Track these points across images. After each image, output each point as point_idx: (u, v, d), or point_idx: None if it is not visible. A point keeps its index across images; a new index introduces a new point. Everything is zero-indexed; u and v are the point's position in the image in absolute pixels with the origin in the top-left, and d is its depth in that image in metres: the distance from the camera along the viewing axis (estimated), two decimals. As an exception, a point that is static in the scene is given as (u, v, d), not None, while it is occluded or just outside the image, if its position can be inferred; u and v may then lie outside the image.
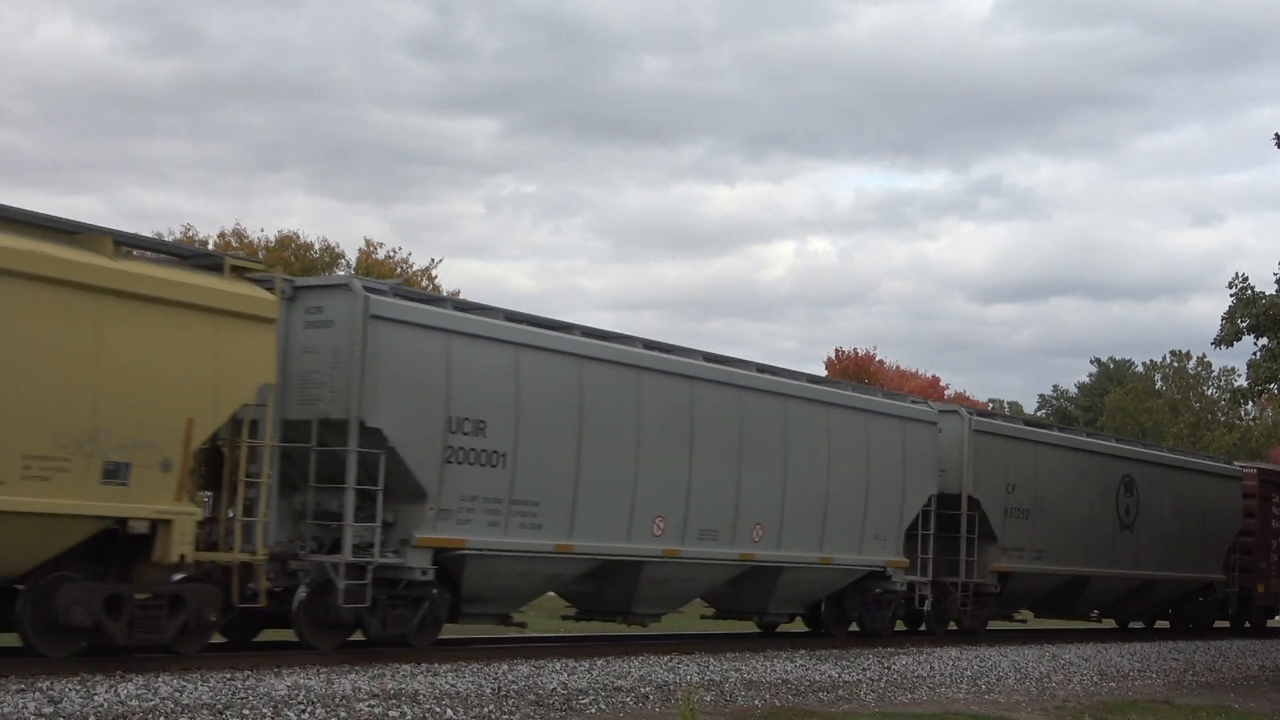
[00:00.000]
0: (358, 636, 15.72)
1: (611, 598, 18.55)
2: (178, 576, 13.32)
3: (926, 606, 23.38)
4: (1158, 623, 32.34)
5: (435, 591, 15.78)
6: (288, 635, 15.69)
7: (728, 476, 19.03)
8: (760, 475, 19.51)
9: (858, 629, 22.70)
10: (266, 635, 16.52)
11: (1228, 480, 31.83)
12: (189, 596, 13.44)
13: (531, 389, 16.32)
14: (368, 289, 15.01)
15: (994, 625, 26.39)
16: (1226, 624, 32.82)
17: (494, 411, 15.92)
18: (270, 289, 14.16)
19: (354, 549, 14.75)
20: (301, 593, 14.80)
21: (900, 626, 24.20)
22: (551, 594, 19.18)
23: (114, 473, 12.54)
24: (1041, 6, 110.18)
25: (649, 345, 18.60)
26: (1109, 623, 31.48)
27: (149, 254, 13.81)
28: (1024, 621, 29.38)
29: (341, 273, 41.75)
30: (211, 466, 14.28)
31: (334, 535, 15.01)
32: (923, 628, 24.76)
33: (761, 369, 20.35)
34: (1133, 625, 32.05)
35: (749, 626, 23.42)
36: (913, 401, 23.66)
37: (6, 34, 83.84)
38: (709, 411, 18.73)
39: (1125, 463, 28.51)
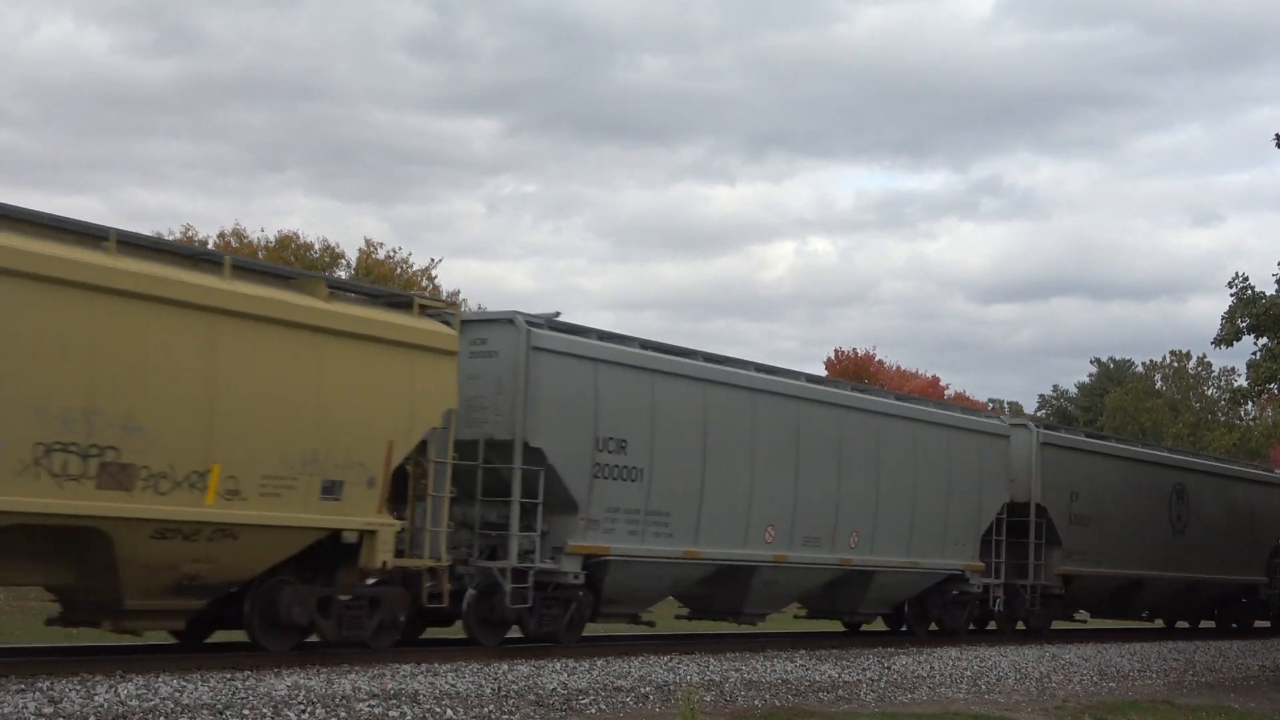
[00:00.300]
0: (459, 634, 17.44)
1: (725, 599, 20.16)
2: (371, 580, 15.15)
3: (999, 607, 25.05)
4: (1202, 623, 33.85)
5: (581, 594, 17.56)
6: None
7: (828, 488, 20.83)
8: (856, 486, 21.33)
9: (936, 628, 24.33)
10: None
11: (1272, 488, 33.79)
12: (384, 598, 15.38)
13: (664, 411, 18.21)
14: (529, 322, 16.83)
15: (1056, 625, 28.02)
16: (1267, 624, 34.03)
17: (633, 431, 17.75)
18: (449, 324, 15.86)
19: (517, 555, 16.64)
20: (470, 595, 16.69)
21: (969, 626, 25.65)
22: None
23: (330, 489, 14.36)
24: (1041, 6, 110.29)
25: (760, 369, 20.38)
26: (1159, 622, 32.94)
27: (351, 295, 15.50)
28: (1084, 621, 30.74)
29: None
30: (394, 483, 15.42)
31: (494, 543, 16.84)
32: (991, 626, 26.28)
33: (855, 389, 23.19)
34: (1179, 625, 33.42)
35: (749, 626, 23.49)
36: (986, 416, 26.06)
37: (7, 34, 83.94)
38: (812, 429, 20.57)
39: (1177, 472, 30.35)
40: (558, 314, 17.56)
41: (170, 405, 12.95)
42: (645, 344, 18.57)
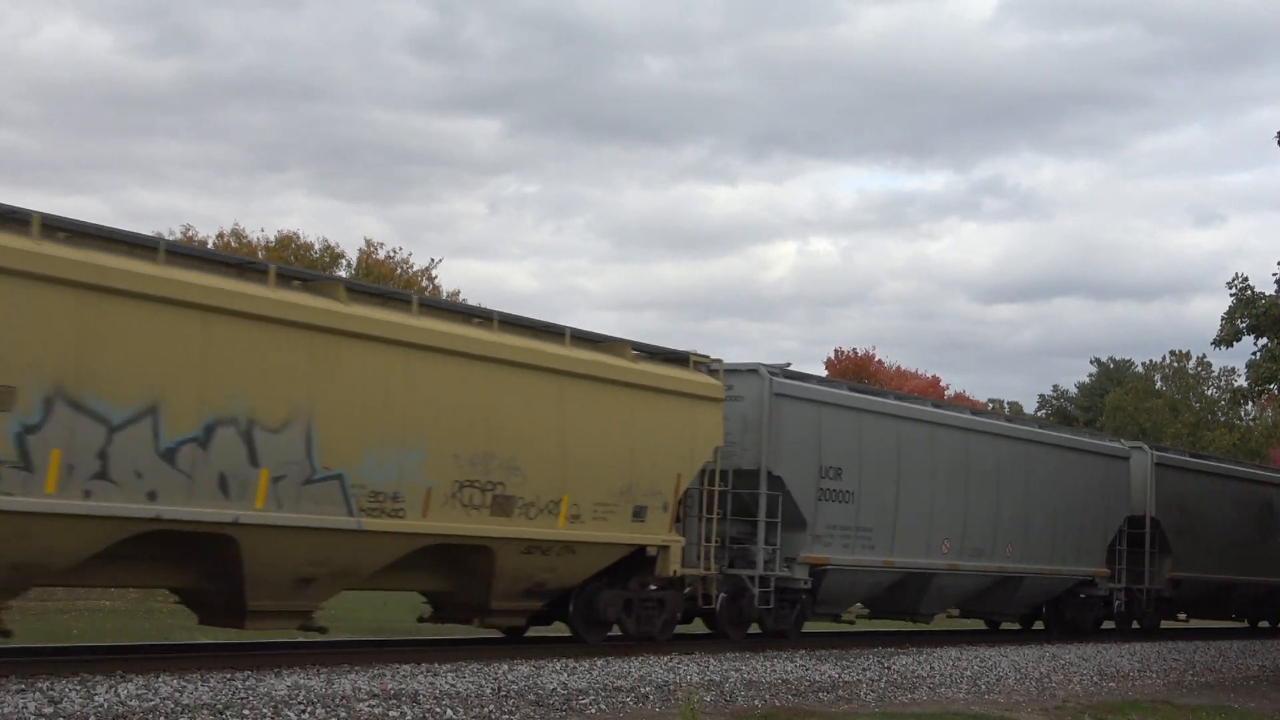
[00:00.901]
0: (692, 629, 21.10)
1: (905, 601, 23.58)
2: (652, 587, 18.60)
3: (1121, 608, 28.66)
4: None
5: (804, 596, 20.97)
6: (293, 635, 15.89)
7: (989, 505, 24.35)
8: (1010, 504, 24.79)
9: (1066, 628, 27.71)
10: (268, 637, 16.54)
11: None
12: (668, 600, 18.88)
13: (869, 443, 21.71)
14: (770, 373, 20.40)
15: (1165, 624, 31.69)
16: None
17: (846, 461, 21.29)
18: (715, 375, 19.31)
19: (762, 565, 20.15)
20: (722, 598, 19.96)
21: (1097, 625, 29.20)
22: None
23: (638, 513, 18.04)
24: (1043, 7, 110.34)
25: (936, 405, 25.50)
26: (1246, 622, 35.90)
27: (646, 355, 18.65)
28: (1186, 621, 33.56)
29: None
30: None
31: (735, 554, 20.18)
32: (1109, 625, 29.43)
33: (1009, 419, 28.72)
34: (1261, 624, 36.18)
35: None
36: (1110, 440, 30.15)
37: (9, 35, 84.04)
38: (977, 456, 24.25)
39: (1265, 488, 33.80)
40: (789, 364, 21.14)
41: (538, 449, 16.55)
42: (852, 388, 23.25)
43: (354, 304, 14.69)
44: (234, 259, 15.56)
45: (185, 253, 13.87)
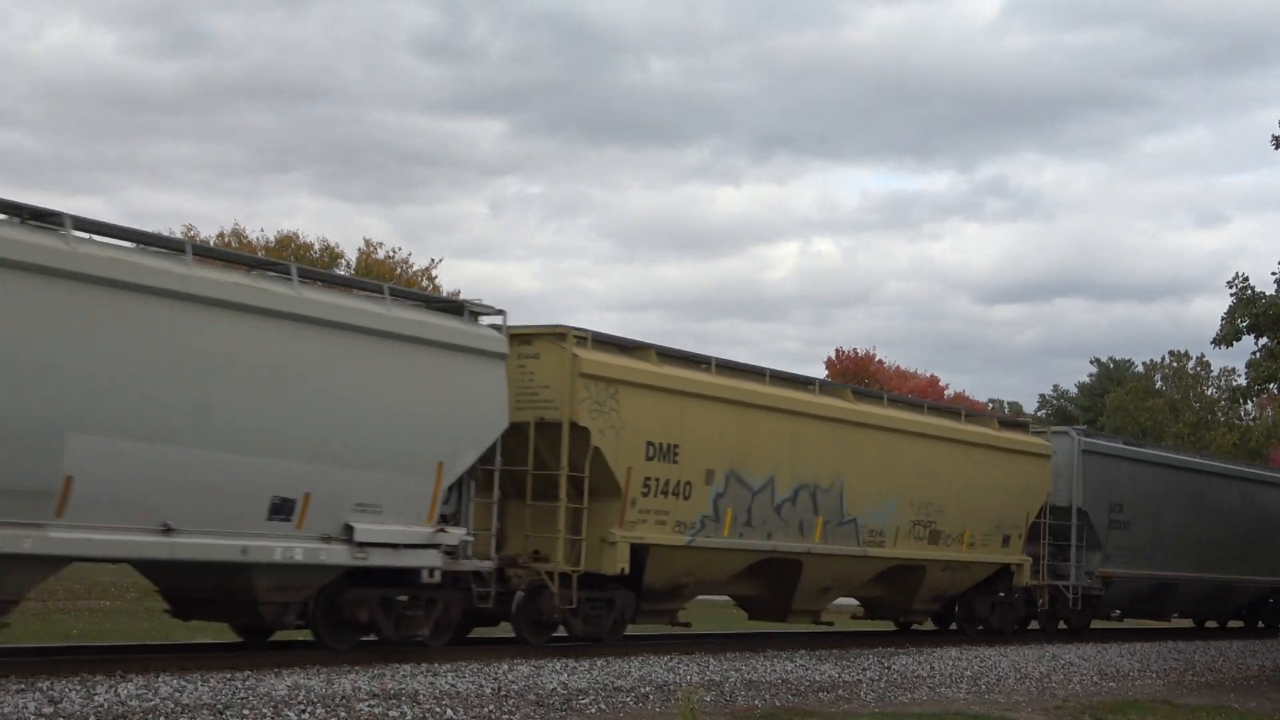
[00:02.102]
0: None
1: (1162, 603, 30.02)
2: (1000, 594, 25.45)
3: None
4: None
5: (1096, 601, 27.25)
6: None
7: (1213, 533, 30.50)
8: (1221, 530, 30.70)
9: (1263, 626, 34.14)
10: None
11: None
12: (1016, 604, 25.83)
13: (1142, 484, 28.32)
14: (1078, 433, 27.25)
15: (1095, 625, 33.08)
16: None
17: (1126, 498, 27.72)
18: (1040, 436, 26.28)
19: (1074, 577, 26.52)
20: (1042, 603, 26.38)
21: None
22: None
23: (1005, 540, 24.50)
24: (1049, 9, 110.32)
25: (1175, 452, 33.46)
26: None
27: (1001, 424, 25.56)
28: (1120, 621, 34.07)
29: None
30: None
31: (1050, 570, 26.18)
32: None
33: (1223, 460, 35.84)
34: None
35: (748, 626, 23.67)
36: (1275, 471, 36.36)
37: (15, 36, 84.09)
38: (1214, 492, 31.00)
39: (1203, 477, 34.78)
40: (1084, 426, 27.96)
41: (953, 497, 23.11)
42: (1126, 442, 31.12)
43: (860, 403, 21.80)
44: (777, 373, 20.63)
45: (744, 369, 20.06)
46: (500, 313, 16.34)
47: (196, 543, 13.19)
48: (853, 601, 24.48)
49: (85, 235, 12.58)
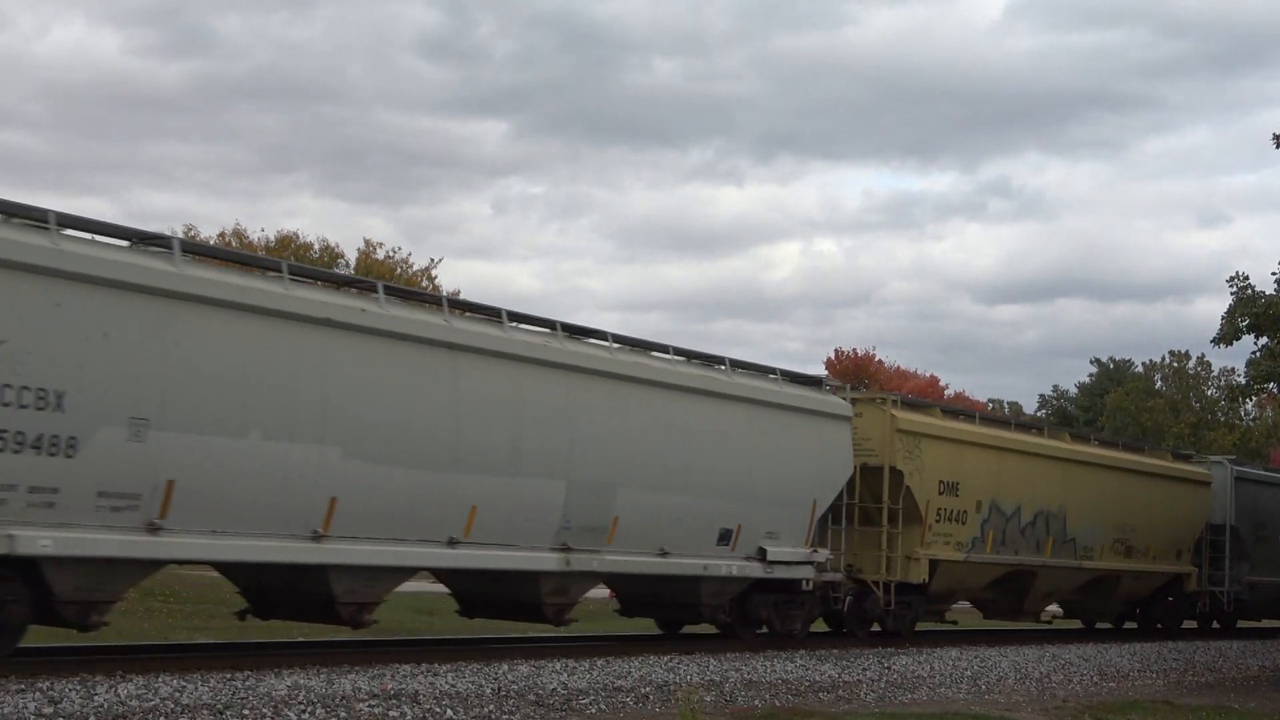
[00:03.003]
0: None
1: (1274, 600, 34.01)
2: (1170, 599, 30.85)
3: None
4: None
5: (1240, 602, 32.12)
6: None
7: None
8: None
9: None
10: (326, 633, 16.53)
11: None
12: (1183, 606, 31.20)
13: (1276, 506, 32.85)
14: (1230, 462, 32.16)
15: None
16: None
17: (1269, 517, 32.30)
18: (1201, 465, 31.61)
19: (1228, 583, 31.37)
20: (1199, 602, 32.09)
21: None
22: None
23: (1178, 554, 30.03)
24: (1052, 10, 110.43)
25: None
26: None
27: (1174, 454, 31.65)
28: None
29: (399, 285, 41.68)
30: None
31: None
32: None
33: None
34: None
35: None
36: None
37: (19, 37, 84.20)
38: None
39: None
40: (1240, 462, 32.40)
41: (1141, 518, 28.10)
42: (1267, 469, 35.98)
43: (1076, 443, 27.70)
44: (1020, 421, 28.59)
45: (998, 419, 28.13)
46: (842, 386, 23.02)
47: (679, 561, 18.40)
48: (964, 604, 28.23)
49: (616, 344, 17.84)
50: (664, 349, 18.80)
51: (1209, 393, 70.94)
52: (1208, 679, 23.73)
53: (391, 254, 46.69)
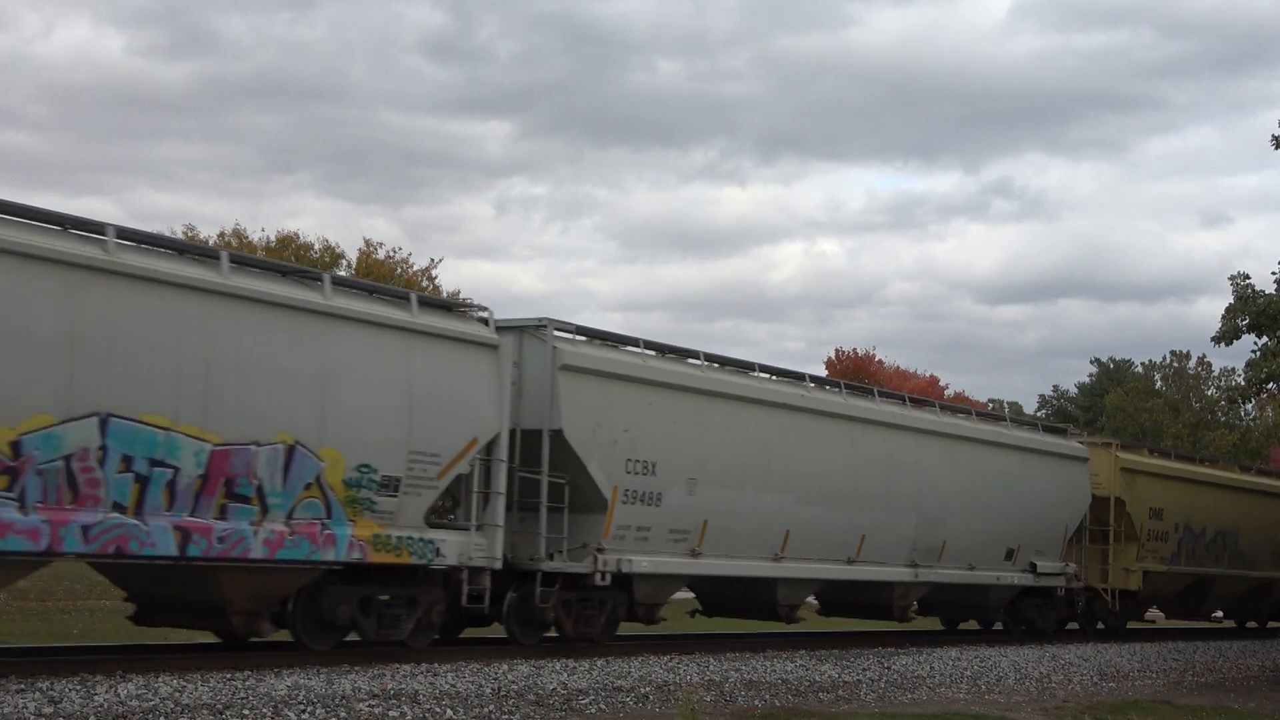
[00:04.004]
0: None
1: None
2: None
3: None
4: None
5: None
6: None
7: None
8: None
9: None
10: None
11: None
12: None
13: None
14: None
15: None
16: None
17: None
18: None
19: None
20: None
21: None
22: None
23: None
24: (1056, 11, 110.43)
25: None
26: None
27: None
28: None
29: (398, 286, 41.69)
30: None
31: None
32: None
33: None
34: None
35: (747, 627, 23.69)
36: None
37: (24, 38, 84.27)
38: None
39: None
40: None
41: (1245, 527, 32.19)
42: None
43: (1244, 474, 33.39)
44: (1204, 456, 30.69)
45: (1187, 456, 31.84)
46: (1079, 432, 30.68)
47: (983, 573, 24.66)
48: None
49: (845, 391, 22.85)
50: (958, 409, 26.74)
51: (1209, 393, 70.96)
52: (1207, 679, 23.72)
53: (392, 254, 46.67)
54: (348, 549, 14.76)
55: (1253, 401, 46.85)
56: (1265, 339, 24.14)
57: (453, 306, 17.60)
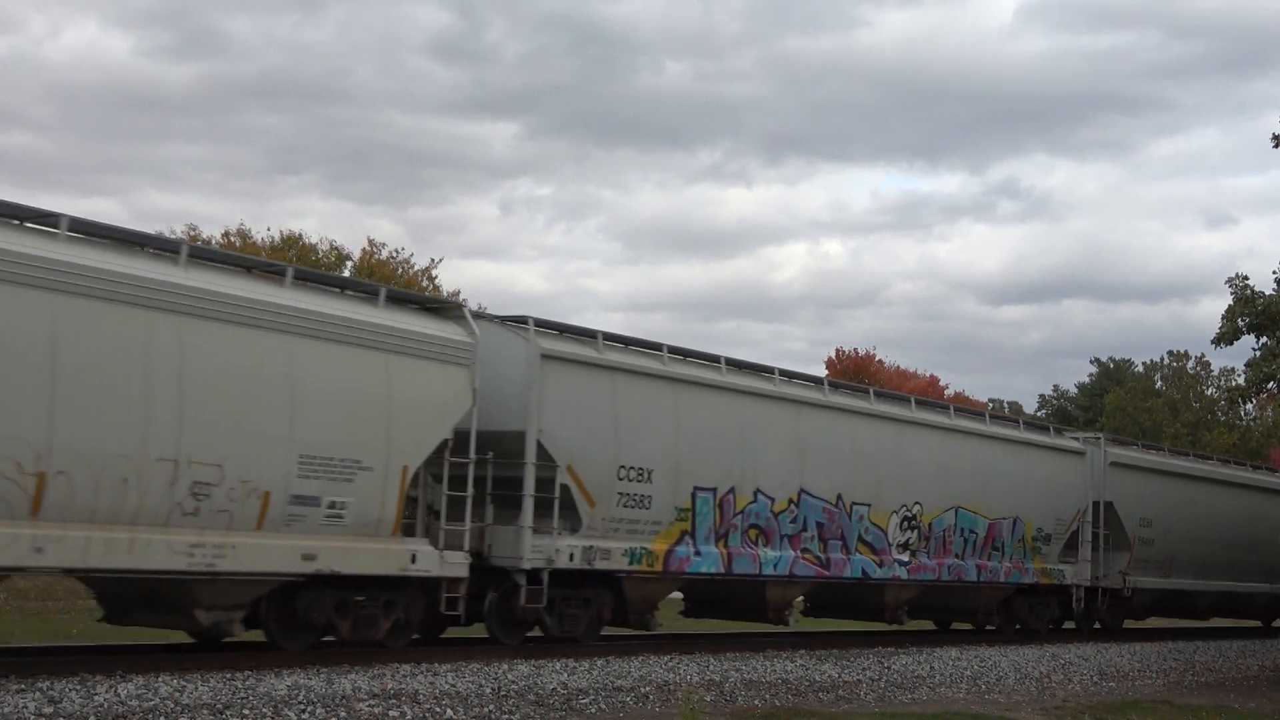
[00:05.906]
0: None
1: None
2: None
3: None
4: None
5: None
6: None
7: None
8: None
9: None
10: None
11: None
12: None
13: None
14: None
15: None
16: None
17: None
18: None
19: None
20: None
21: None
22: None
23: None
24: (1063, 12, 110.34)
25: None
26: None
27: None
28: None
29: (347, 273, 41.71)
30: None
31: None
32: None
33: None
34: None
35: (745, 626, 23.66)
36: None
37: (31, 39, 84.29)
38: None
39: None
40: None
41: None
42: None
43: (1260, 473, 35.34)
44: (1255, 465, 31.66)
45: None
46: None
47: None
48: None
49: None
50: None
51: (1208, 393, 70.96)
52: (1207, 679, 23.73)
53: (394, 254, 46.68)
54: None
55: (1253, 401, 46.87)
56: (1265, 339, 24.15)
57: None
